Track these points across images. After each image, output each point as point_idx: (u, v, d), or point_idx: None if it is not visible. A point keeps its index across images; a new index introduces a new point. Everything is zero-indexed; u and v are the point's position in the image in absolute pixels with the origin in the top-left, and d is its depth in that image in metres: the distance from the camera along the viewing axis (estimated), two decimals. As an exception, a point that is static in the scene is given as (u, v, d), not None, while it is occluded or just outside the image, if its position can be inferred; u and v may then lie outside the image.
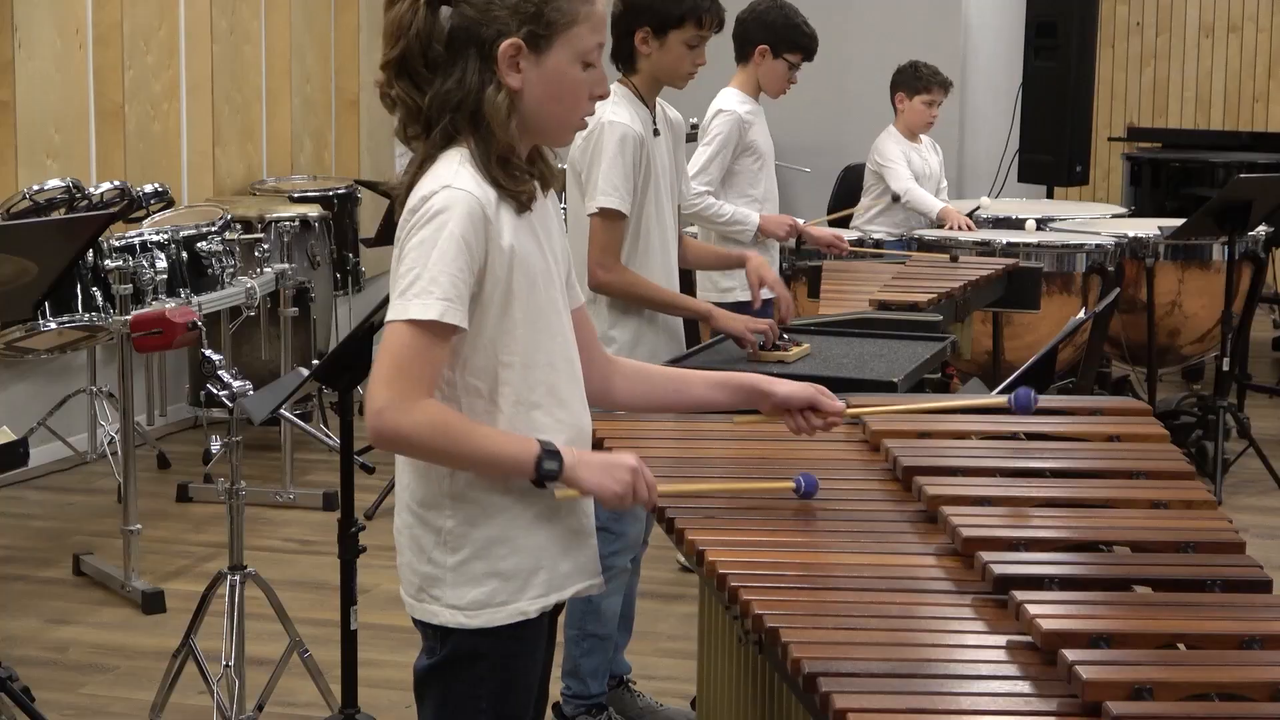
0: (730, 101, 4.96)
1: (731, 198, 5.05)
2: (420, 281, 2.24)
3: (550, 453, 2.29)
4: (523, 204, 2.34)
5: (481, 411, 2.34)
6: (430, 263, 2.25)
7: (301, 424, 6.00)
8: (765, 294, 4.98)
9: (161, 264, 5.58)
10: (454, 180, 2.28)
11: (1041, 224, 6.88)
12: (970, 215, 6.75)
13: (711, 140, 4.95)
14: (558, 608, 2.46)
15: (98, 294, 5.42)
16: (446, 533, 2.37)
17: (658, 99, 4.02)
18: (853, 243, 6.30)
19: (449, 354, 2.31)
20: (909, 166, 6.73)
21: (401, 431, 2.25)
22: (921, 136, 6.89)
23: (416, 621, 2.44)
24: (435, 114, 2.32)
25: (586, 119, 2.42)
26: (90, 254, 5.38)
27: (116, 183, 5.80)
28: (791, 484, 2.50)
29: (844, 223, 6.76)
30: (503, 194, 2.31)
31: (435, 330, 2.24)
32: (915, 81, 6.79)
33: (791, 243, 5.40)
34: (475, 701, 2.38)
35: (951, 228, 6.48)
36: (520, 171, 2.34)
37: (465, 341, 2.32)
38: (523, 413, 2.35)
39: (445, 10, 2.31)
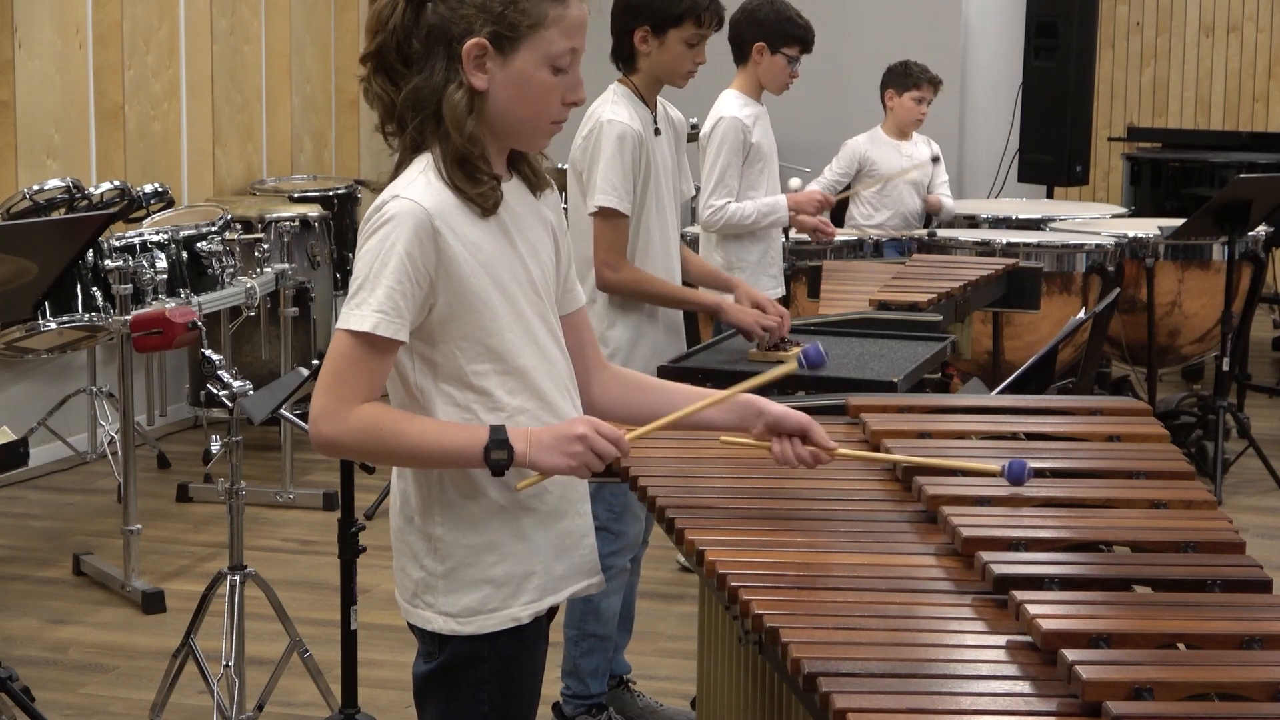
0: (730, 106, 4.94)
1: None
2: (361, 292, 2.26)
3: (499, 442, 2.26)
4: (486, 208, 2.32)
5: (459, 419, 2.33)
6: (371, 274, 2.25)
7: (301, 424, 5.94)
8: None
9: (161, 264, 5.58)
10: (405, 190, 2.28)
11: (1041, 224, 6.89)
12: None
13: (719, 150, 4.88)
14: (553, 610, 2.46)
15: (98, 294, 5.43)
16: (436, 540, 2.36)
17: (659, 98, 4.02)
18: (852, 243, 6.31)
19: (410, 363, 2.32)
20: (880, 166, 6.74)
21: (335, 440, 2.27)
22: (914, 135, 6.89)
23: (412, 626, 2.44)
24: (407, 112, 2.32)
25: (559, 124, 2.39)
26: (90, 254, 5.39)
27: (116, 183, 5.80)
28: (794, 364, 2.43)
29: (842, 206, 6.79)
30: (462, 198, 2.30)
31: (371, 342, 2.25)
32: (905, 79, 6.81)
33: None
34: (478, 705, 2.38)
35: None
36: (482, 175, 2.31)
37: (435, 350, 2.32)
38: (505, 419, 2.33)
39: (429, 7, 2.30)
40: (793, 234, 5.73)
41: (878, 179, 6.70)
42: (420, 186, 2.28)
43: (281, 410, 3.87)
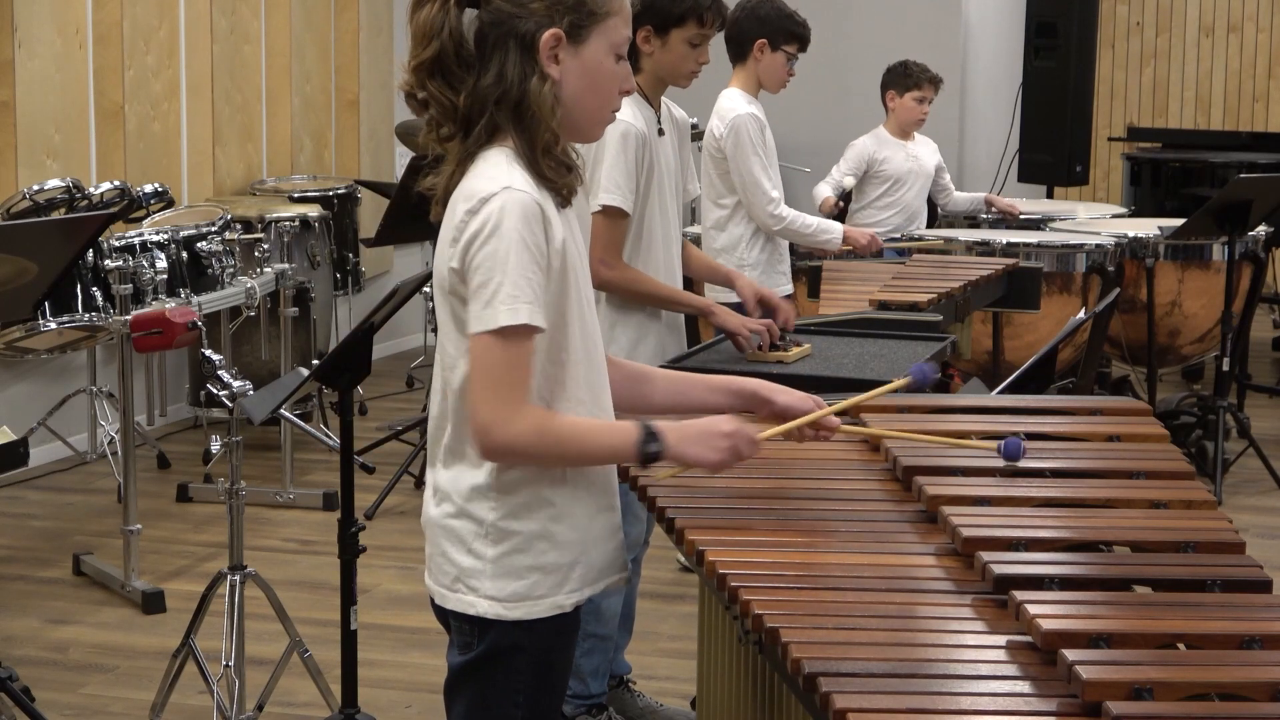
0: (739, 104, 4.96)
1: None
2: (505, 288, 2.24)
3: (650, 435, 2.32)
4: (564, 198, 2.36)
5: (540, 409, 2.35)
6: (510, 268, 2.24)
7: (301, 424, 5.99)
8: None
9: (161, 264, 5.58)
10: (511, 180, 2.28)
11: (1041, 224, 6.89)
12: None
13: (750, 149, 4.91)
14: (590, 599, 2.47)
15: (98, 294, 5.42)
16: (489, 525, 2.36)
17: (663, 97, 4.02)
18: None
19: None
20: (888, 166, 6.74)
21: (511, 445, 2.28)
22: (915, 135, 6.89)
23: (444, 615, 2.43)
24: (475, 111, 2.33)
25: (615, 113, 2.44)
26: (90, 254, 5.38)
27: (116, 183, 5.80)
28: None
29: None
30: (548, 188, 2.32)
31: (524, 335, 2.26)
32: (905, 79, 6.80)
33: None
34: (513, 695, 2.39)
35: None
36: (563, 165, 2.35)
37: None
38: (570, 409, 2.36)
39: (470, 11, 2.32)
40: None
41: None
42: (519, 177, 2.30)
43: (281, 410, 3.87)
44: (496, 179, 2.29)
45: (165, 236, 5.69)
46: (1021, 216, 6.95)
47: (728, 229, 5.02)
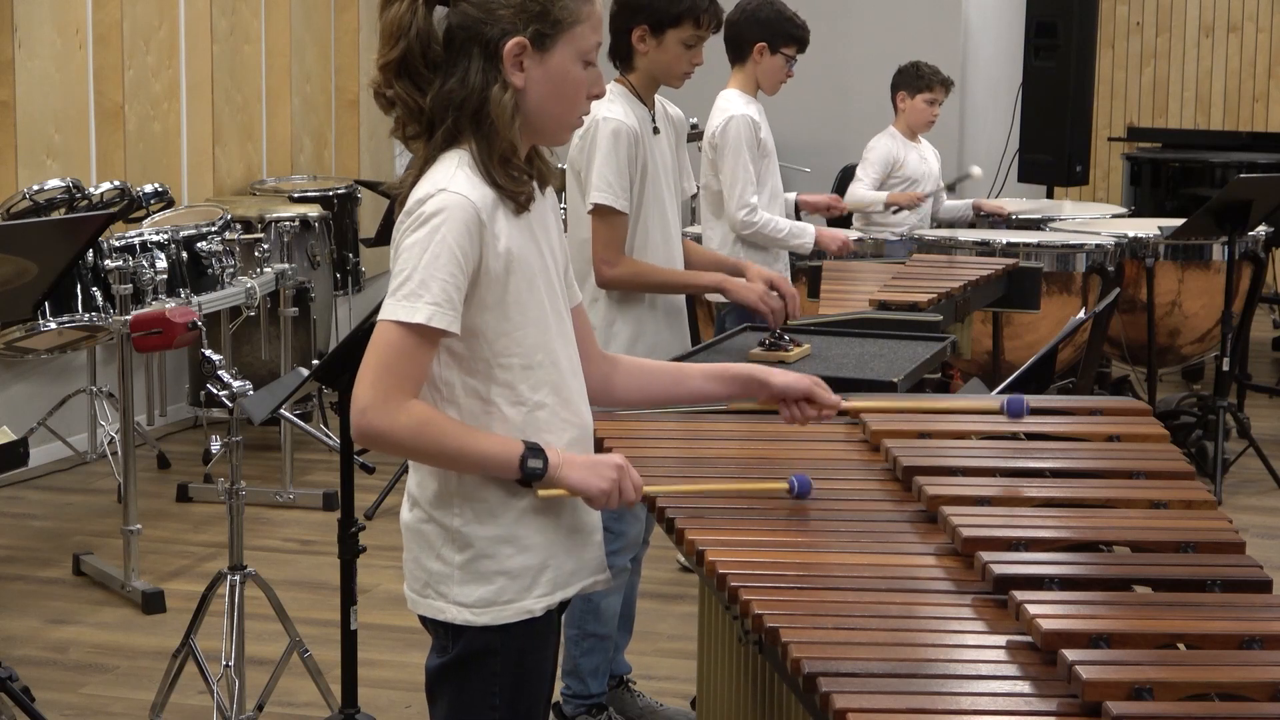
0: (736, 104, 4.96)
1: None
2: (410, 284, 2.26)
3: (535, 452, 2.31)
4: (521, 204, 2.35)
5: (481, 413, 2.35)
6: (421, 266, 2.26)
7: (301, 424, 5.99)
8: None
9: (161, 264, 5.58)
10: (449, 184, 2.29)
11: (1041, 224, 6.89)
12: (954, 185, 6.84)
13: (736, 150, 4.90)
14: (563, 605, 2.46)
15: (98, 294, 5.43)
16: (454, 531, 2.37)
17: (657, 97, 4.02)
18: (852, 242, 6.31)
19: (437, 356, 2.32)
20: (907, 168, 6.73)
21: (383, 432, 2.27)
22: (921, 138, 6.88)
23: (422, 618, 2.44)
24: (438, 114, 2.33)
25: (583, 117, 2.44)
26: (90, 254, 5.39)
27: (116, 183, 5.80)
28: (785, 485, 2.50)
29: (844, 224, 6.77)
30: (502, 194, 2.32)
31: (422, 333, 2.26)
32: (917, 80, 6.78)
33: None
34: (489, 698, 2.39)
35: (899, 210, 6.47)
36: (520, 172, 2.35)
37: (464, 344, 2.33)
38: (525, 413, 2.36)
39: (440, 10, 2.32)
40: None
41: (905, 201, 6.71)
42: (463, 181, 2.30)
43: (281, 410, 3.87)
44: (438, 181, 2.30)
45: (165, 236, 5.69)
46: (1012, 217, 6.95)
47: (721, 227, 5.03)
